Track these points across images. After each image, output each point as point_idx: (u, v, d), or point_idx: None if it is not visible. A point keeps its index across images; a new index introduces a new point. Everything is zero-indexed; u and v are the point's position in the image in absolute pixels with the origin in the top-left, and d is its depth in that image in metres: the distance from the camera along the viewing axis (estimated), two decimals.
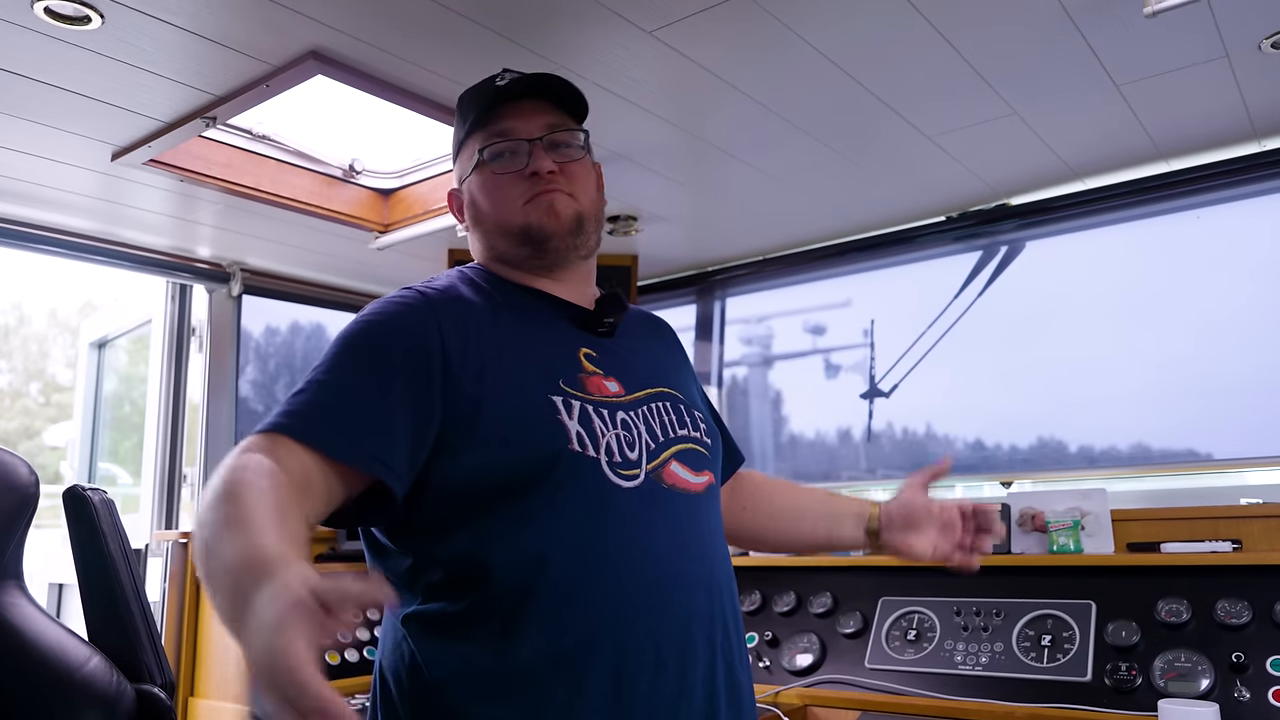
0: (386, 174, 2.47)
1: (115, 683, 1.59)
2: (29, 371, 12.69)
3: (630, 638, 1.03)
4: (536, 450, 1.05)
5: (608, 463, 1.08)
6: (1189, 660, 1.85)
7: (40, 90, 1.77)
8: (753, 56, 1.72)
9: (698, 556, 1.13)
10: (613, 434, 1.10)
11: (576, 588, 1.03)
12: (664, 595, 1.07)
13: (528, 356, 1.13)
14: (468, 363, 1.07)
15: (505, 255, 1.23)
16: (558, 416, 1.07)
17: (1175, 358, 2.37)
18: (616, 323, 1.23)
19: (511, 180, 1.20)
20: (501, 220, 1.20)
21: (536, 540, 1.03)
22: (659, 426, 1.16)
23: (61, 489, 1.81)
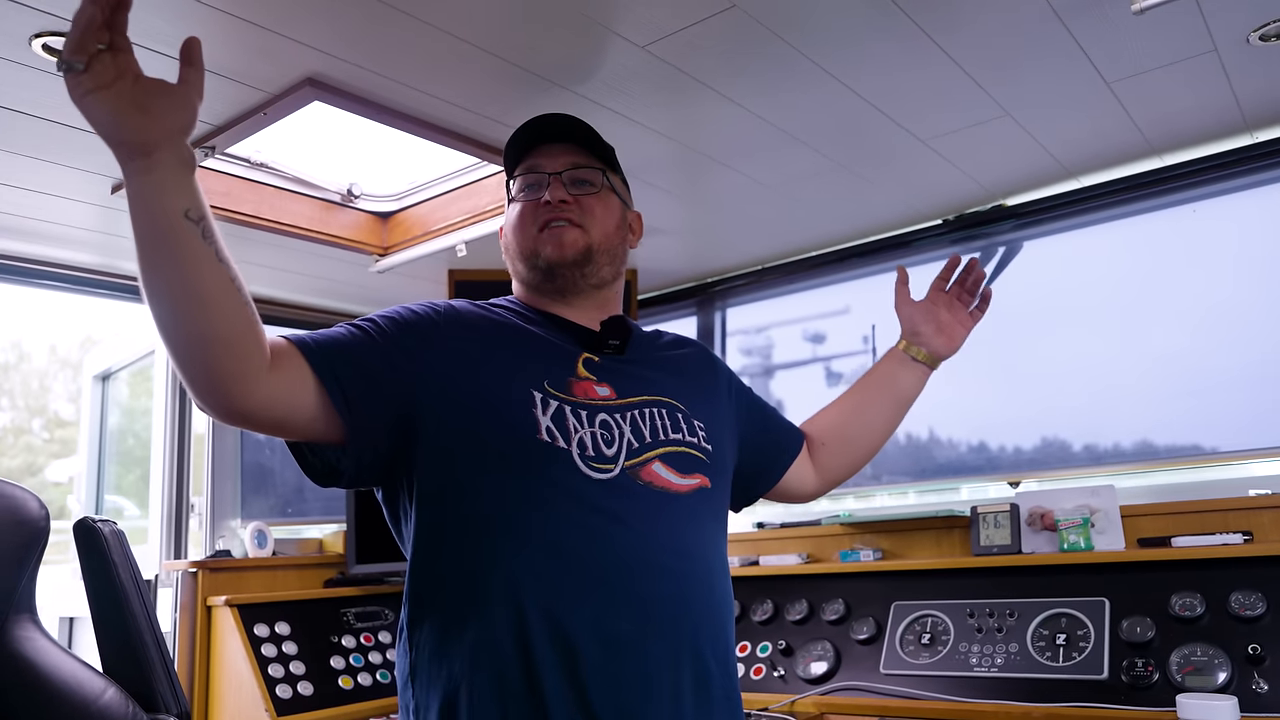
0: (385, 197, 2.48)
1: (131, 713, 1.59)
2: (30, 408, 12.69)
3: (583, 616, 1.11)
4: (506, 433, 1.15)
5: (579, 455, 1.17)
6: (1205, 654, 1.85)
7: (39, 126, 1.79)
8: (745, 68, 1.73)
9: (668, 548, 1.19)
10: (587, 431, 1.19)
11: (537, 566, 1.12)
12: (624, 580, 1.14)
13: (522, 357, 1.24)
14: (456, 354, 1.19)
15: (525, 280, 1.35)
16: (532, 409, 1.17)
17: (1175, 352, 2.38)
18: (623, 343, 1.33)
19: (530, 209, 1.32)
20: (520, 246, 1.33)
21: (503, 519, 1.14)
22: (648, 430, 1.24)
23: (68, 524, 1.82)
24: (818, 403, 1.70)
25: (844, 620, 2.34)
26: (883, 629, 2.26)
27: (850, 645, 2.28)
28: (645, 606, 1.14)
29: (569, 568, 1.12)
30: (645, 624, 1.13)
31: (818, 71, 1.75)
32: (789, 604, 2.44)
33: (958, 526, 2.45)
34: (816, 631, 2.36)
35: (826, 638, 2.32)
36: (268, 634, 2.41)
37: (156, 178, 0.95)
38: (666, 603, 1.16)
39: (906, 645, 2.20)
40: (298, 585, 2.69)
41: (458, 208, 2.37)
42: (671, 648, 1.15)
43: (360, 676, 2.47)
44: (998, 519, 2.31)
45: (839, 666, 2.26)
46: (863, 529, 2.59)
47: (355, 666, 2.49)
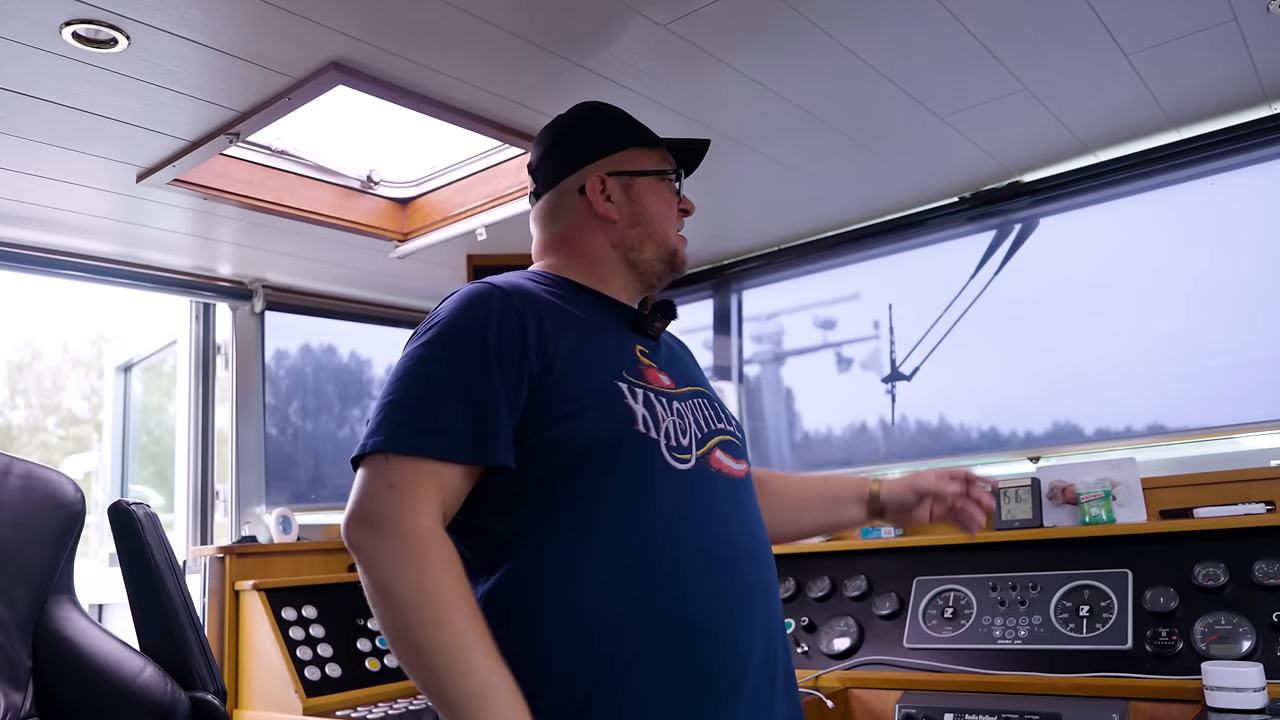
0: (403, 183, 2.50)
1: (170, 691, 1.62)
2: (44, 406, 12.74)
3: (690, 606, 1.10)
4: (605, 428, 1.13)
5: (665, 445, 1.16)
6: (1229, 622, 1.86)
7: (67, 115, 1.81)
8: (765, 45, 1.74)
9: (745, 532, 1.22)
10: (670, 420, 1.19)
11: (637, 559, 1.10)
12: (720, 567, 1.15)
13: (594, 346, 1.21)
14: (544, 347, 1.15)
15: (639, 258, 1.33)
16: (624, 400, 1.15)
17: (1192, 328, 2.37)
18: (663, 328, 1.34)
19: (674, 204, 1.38)
20: (665, 232, 1.35)
21: (600, 514, 1.11)
22: (702, 419, 1.26)
23: (92, 518, 1.84)
24: (828, 389, 1.72)
25: (866, 596, 2.35)
26: (905, 604, 2.28)
27: (873, 620, 2.30)
28: (742, 593, 1.16)
29: (675, 561, 1.11)
30: (749, 612, 1.15)
31: (836, 47, 1.76)
32: (811, 581, 2.46)
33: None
34: (839, 608, 2.38)
35: (849, 614, 2.34)
36: (295, 617, 2.44)
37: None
38: (757, 589, 1.18)
39: (929, 619, 2.22)
40: (323, 569, 2.72)
41: (477, 192, 2.38)
42: (766, 632, 1.17)
43: (387, 659, 2.49)
44: (1019, 493, 2.32)
45: (862, 642, 2.28)
46: None
47: (381, 649, 2.51)
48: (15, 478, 1.65)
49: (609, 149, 1.36)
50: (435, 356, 1.13)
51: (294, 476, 3.08)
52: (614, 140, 1.37)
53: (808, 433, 3.14)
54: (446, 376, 1.11)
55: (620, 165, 1.35)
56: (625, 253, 1.33)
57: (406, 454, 1.06)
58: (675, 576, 1.10)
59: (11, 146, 1.92)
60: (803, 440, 3.13)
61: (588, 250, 1.34)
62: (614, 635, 1.07)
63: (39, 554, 1.62)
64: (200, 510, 2.80)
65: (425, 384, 1.11)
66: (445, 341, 1.14)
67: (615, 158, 1.35)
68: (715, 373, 3.21)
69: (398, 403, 1.10)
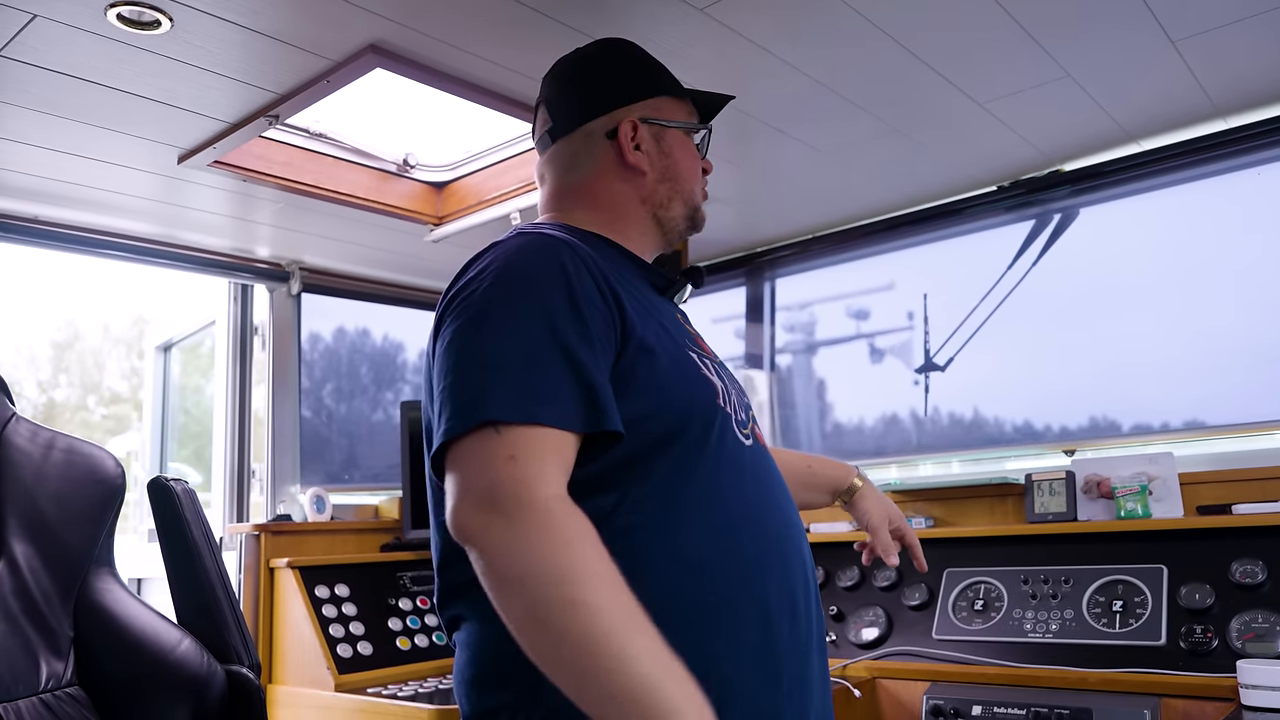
0: (440, 167, 2.51)
1: (206, 664, 1.64)
2: (85, 385, 12.96)
3: (772, 585, 1.07)
4: (695, 404, 1.07)
5: (735, 420, 1.13)
6: (1266, 620, 1.83)
7: (110, 96, 1.83)
8: (803, 29, 1.72)
9: (793, 509, 1.20)
10: (733, 394, 1.15)
11: (727, 542, 1.05)
12: (787, 545, 1.12)
13: (653, 311, 1.13)
14: (620, 304, 1.06)
15: (665, 215, 1.26)
16: (703, 372, 1.10)
17: (1234, 323, 2.32)
18: (684, 293, 1.31)
19: (699, 163, 1.30)
20: (691, 190, 1.27)
21: (692, 493, 1.04)
22: (736, 392, 1.21)
23: (131, 496, 1.88)
24: (860, 380, 1.72)
25: (895, 587, 2.34)
26: (935, 595, 2.27)
27: (902, 611, 2.29)
28: (803, 569, 1.14)
29: (756, 542, 1.08)
30: (808, 588, 1.14)
31: (875, 32, 1.74)
32: (840, 570, 2.45)
33: (1011, 494, 2.44)
34: (868, 598, 2.37)
35: (878, 604, 2.33)
36: (328, 595, 2.47)
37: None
38: (808, 564, 1.17)
39: (959, 611, 2.20)
40: (356, 549, 2.75)
41: (511, 176, 2.39)
42: (816, 609, 1.16)
43: (417, 638, 2.52)
44: (1053, 486, 2.30)
45: (891, 632, 2.27)
46: (914, 496, 2.59)
47: (412, 629, 2.54)
48: (58, 452, 1.68)
49: (642, 93, 1.25)
50: (521, 311, 0.99)
51: (328, 457, 3.12)
52: (648, 84, 1.26)
53: (839, 423, 3.12)
54: (541, 334, 0.97)
55: (653, 112, 1.24)
56: (654, 209, 1.24)
57: (522, 422, 0.92)
58: (758, 559, 1.07)
59: (56, 127, 1.95)
60: (834, 430, 3.12)
61: (614, 202, 1.23)
62: (709, 621, 1.02)
63: (80, 527, 1.66)
64: (236, 489, 2.85)
65: (519, 342, 0.97)
66: (527, 293, 1.00)
67: (648, 104, 1.25)
68: (747, 361, 3.20)
69: (489, 366, 0.95)
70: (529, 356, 0.96)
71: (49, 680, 1.52)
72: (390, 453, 3.16)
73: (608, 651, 0.84)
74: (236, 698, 1.67)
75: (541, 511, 0.89)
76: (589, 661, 0.84)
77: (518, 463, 0.91)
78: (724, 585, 1.03)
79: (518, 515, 0.89)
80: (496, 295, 1.01)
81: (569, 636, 0.85)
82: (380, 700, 2.10)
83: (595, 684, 0.84)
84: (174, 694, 1.61)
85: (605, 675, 0.83)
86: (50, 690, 1.52)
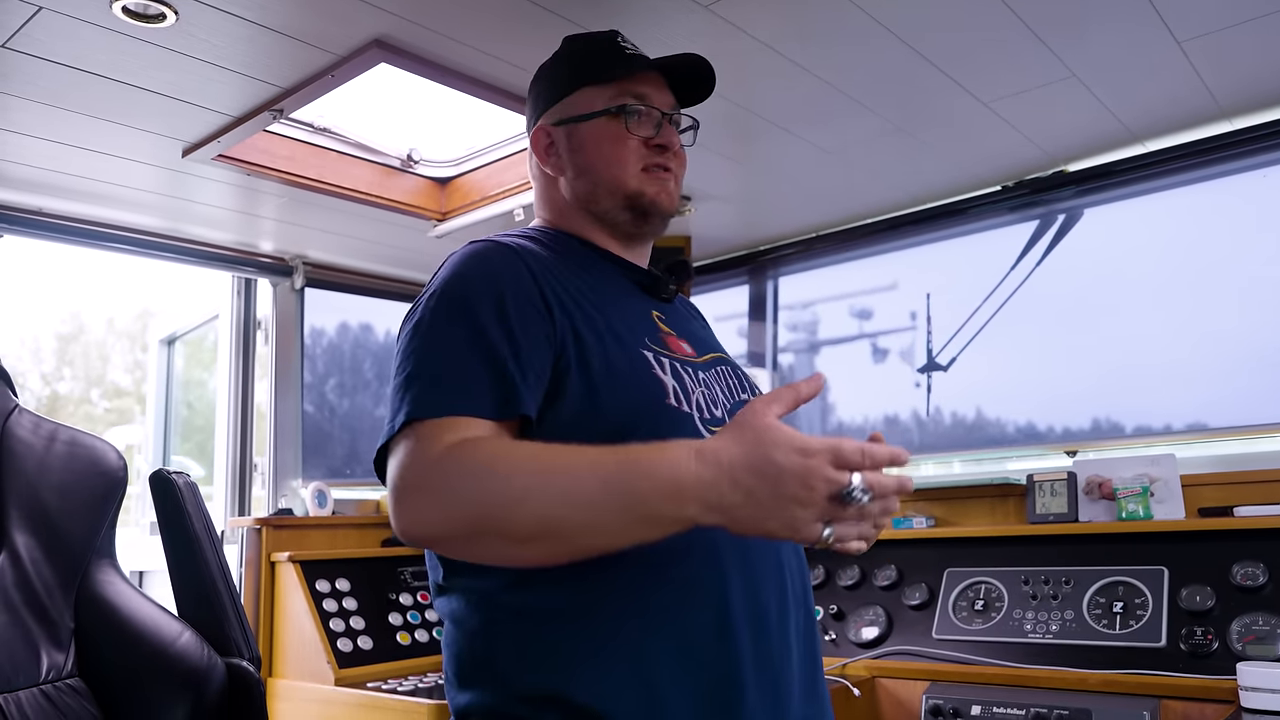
0: (443, 163, 2.51)
1: (206, 656, 1.65)
2: (89, 378, 12.99)
3: (732, 590, 1.03)
4: (637, 402, 1.05)
5: (699, 419, 1.09)
6: (1267, 623, 1.83)
7: (115, 89, 1.83)
8: (809, 28, 1.72)
9: None
10: (700, 391, 1.11)
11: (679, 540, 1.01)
12: (760, 548, 1.07)
13: (611, 310, 1.12)
14: (563, 310, 1.07)
15: (602, 211, 1.21)
16: (652, 371, 1.08)
17: (1238, 326, 2.32)
18: (678, 291, 1.27)
19: (638, 143, 1.20)
20: (617, 177, 1.19)
21: None
22: (725, 390, 1.18)
23: (133, 489, 1.88)
24: (862, 379, 1.68)
25: (896, 586, 2.34)
26: (935, 595, 2.27)
27: (902, 610, 2.29)
28: (780, 575, 1.09)
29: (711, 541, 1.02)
30: (782, 594, 1.09)
31: (880, 30, 1.73)
32: (841, 569, 2.45)
33: (1012, 495, 2.44)
34: (868, 597, 2.37)
35: (878, 603, 2.33)
36: (329, 589, 2.47)
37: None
38: (791, 569, 1.12)
39: (959, 611, 2.20)
40: (357, 544, 2.76)
41: (515, 172, 2.39)
42: (799, 616, 1.11)
43: (417, 633, 2.53)
44: (1054, 487, 2.29)
45: (891, 631, 2.27)
46: (916, 496, 2.59)
47: (412, 624, 2.55)
48: (61, 444, 1.69)
49: (559, 93, 1.24)
50: (450, 319, 1.03)
51: (330, 452, 3.12)
52: (563, 84, 1.25)
53: (841, 422, 3.12)
54: (465, 339, 1.01)
55: (565, 111, 1.23)
56: (585, 206, 1.22)
57: (436, 416, 0.97)
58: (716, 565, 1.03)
59: (61, 120, 1.95)
60: (836, 430, 3.12)
61: (558, 206, 1.25)
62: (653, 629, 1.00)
63: (82, 519, 1.66)
64: (238, 482, 2.85)
65: (445, 349, 1.02)
66: (457, 303, 1.04)
67: (564, 103, 1.24)
68: (749, 360, 3.20)
69: (414, 376, 1.01)
70: (451, 361, 1.01)
71: (49, 671, 1.52)
72: None
73: (577, 504, 0.88)
74: (236, 691, 1.68)
75: (440, 458, 0.93)
76: (574, 522, 0.89)
77: (422, 444, 0.95)
78: (672, 591, 1.01)
79: (425, 477, 0.93)
80: (431, 308, 1.06)
81: (548, 526, 0.89)
82: (380, 694, 2.11)
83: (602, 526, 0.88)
84: (174, 686, 1.61)
85: (592, 513, 0.88)
86: (51, 681, 1.52)
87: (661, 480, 0.85)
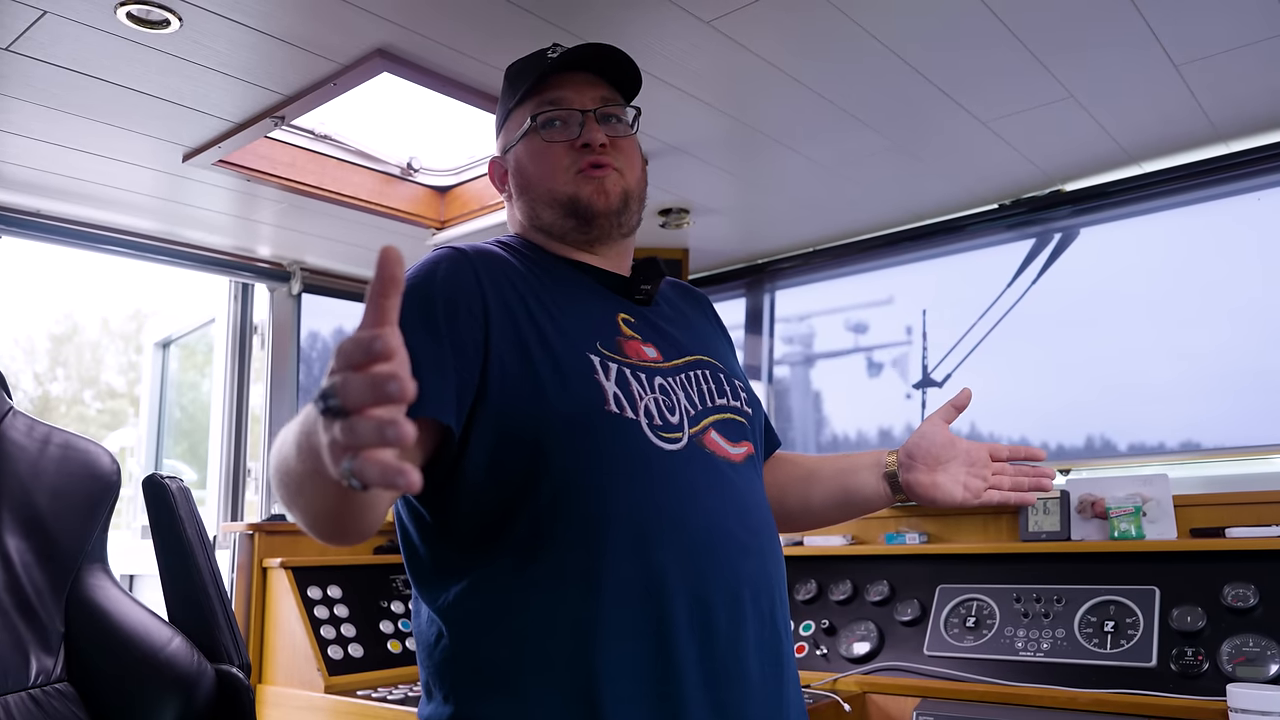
0: (443, 171, 2.51)
1: (196, 662, 1.64)
2: (83, 379, 12.96)
3: (676, 601, 1.02)
4: (572, 406, 1.04)
5: (648, 425, 1.07)
6: (1258, 645, 1.83)
7: (117, 93, 1.84)
8: (809, 45, 1.73)
9: (744, 522, 1.11)
10: (651, 397, 1.09)
11: (622, 548, 1.02)
12: (712, 558, 1.06)
13: (565, 316, 1.12)
14: (506, 314, 1.07)
15: (548, 225, 1.21)
16: (594, 375, 1.07)
17: (1230, 347, 2.34)
18: (654, 290, 1.25)
19: (562, 149, 1.19)
20: (550, 189, 1.19)
21: (581, 501, 1.03)
22: (697, 395, 1.16)
23: (127, 491, 1.87)
24: (857, 393, 1.68)
25: (888, 601, 2.34)
26: (927, 611, 2.27)
27: (894, 626, 2.29)
28: (735, 587, 1.06)
29: (654, 550, 1.02)
30: (736, 605, 1.06)
31: (880, 49, 1.75)
32: (833, 584, 2.45)
33: (1005, 512, 2.44)
34: (860, 612, 2.37)
35: (870, 618, 2.33)
36: (320, 596, 2.47)
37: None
38: (751, 581, 1.08)
39: (951, 628, 2.20)
40: (349, 551, 2.75)
41: None
42: (760, 629, 1.08)
43: (408, 642, 2.52)
44: (1047, 505, 2.30)
45: (882, 647, 2.27)
46: (909, 511, 2.59)
47: (404, 631, 2.54)
48: (54, 447, 1.69)
49: (500, 124, 1.28)
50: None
51: None
52: (501, 114, 1.28)
53: (835, 435, 3.12)
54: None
55: (506, 139, 1.26)
56: (534, 223, 1.23)
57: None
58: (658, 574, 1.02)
59: (62, 122, 1.96)
60: (830, 443, 3.12)
61: (522, 228, 1.26)
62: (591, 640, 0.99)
63: (74, 523, 1.66)
64: (232, 487, 2.85)
65: None
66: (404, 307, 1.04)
67: (504, 131, 1.27)
68: (745, 372, 3.20)
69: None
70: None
71: (38, 676, 1.52)
72: None
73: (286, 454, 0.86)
74: (225, 697, 1.67)
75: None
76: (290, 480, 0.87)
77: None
78: (610, 601, 1.00)
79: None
80: None
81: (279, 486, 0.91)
82: (369, 703, 2.10)
83: (299, 486, 0.87)
84: (163, 692, 1.61)
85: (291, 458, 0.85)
86: (39, 686, 1.52)
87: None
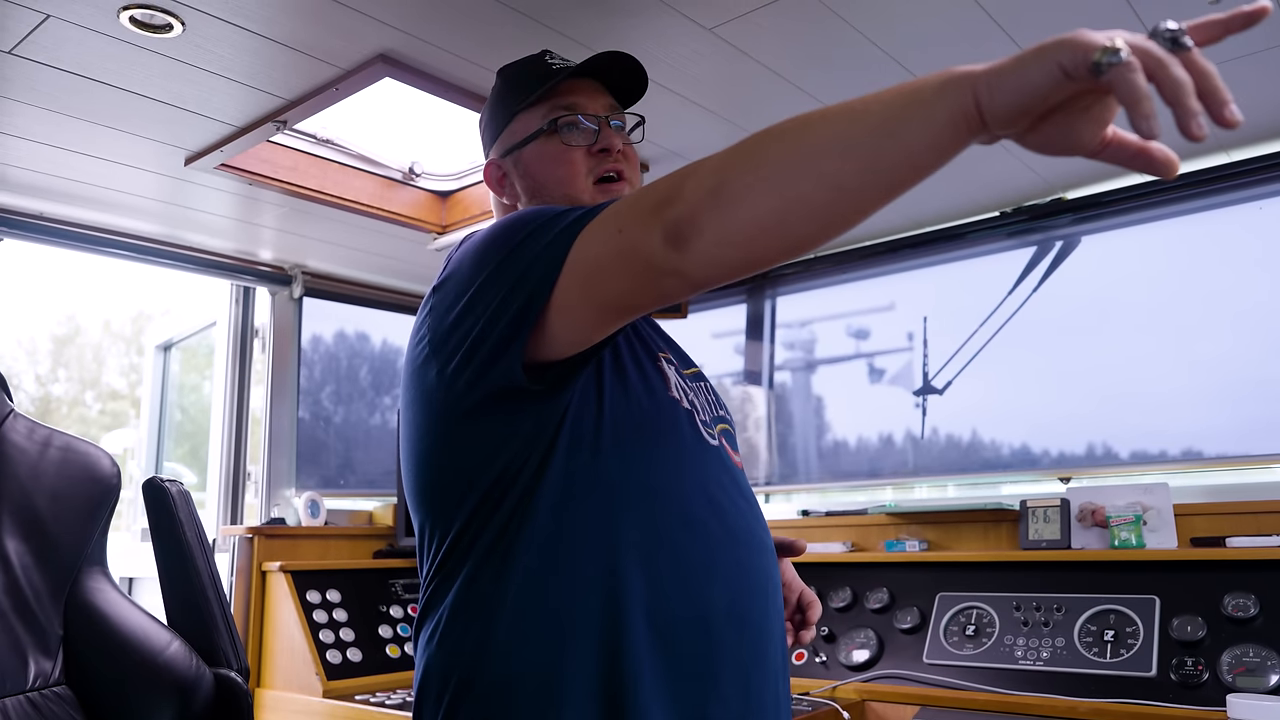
0: (445, 176, 2.52)
1: (195, 666, 1.64)
2: (84, 380, 12.98)
3: (719, 594, 1.03)
4: (647, 389, 1.06)
5: (698, 418, 1.10)
6: (1258, 655, 1.83)
7: (121, 97, 1.84)
8: (811, 52, 1.74)
9: (759, 523, 1.14)
10: (692, 395, 1.13)
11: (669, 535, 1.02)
12: (748, 551, 1.08)
13: None
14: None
15: None
16: (658, 364, 1.10)
17: (1232, 355, 2.33)
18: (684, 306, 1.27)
19: (581, 154, 1.19)
20: (567, 194, 1.18)
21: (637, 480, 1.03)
22: (706, 403, 1.19)
23: (127, 493, 1.87)
24: (858, 399, 1.67)
25: (888, 609, 2.34)
26: (927, 619, 2.26)
27: (893, 634, 2.29)
28: (762, 581, 1.09)
29: (698, 539, 1.03)
30: (763, 598, 1.09)
31: (882, 56, 1.75)
32: (832, 591, 2.45)
33: (1005, 520, 2.44)
34: (860, 619, 2.37)
35: (869, 626, 2.33)
36: (319, 600, 2.47)
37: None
38: (772, 578, 1.12)
39: (950, 636, 2.20)
40: (348, 555, 2.75)
41: None
42: (777, 624, 1.11)
43: (407, 646, 2.51)
44: (1047, 513, 2.30)
45: (881, 654, 2.26)
46: (908, 519, 2.59)
47: (403, 636, 2.54)
48: (55, 450, 1.69)
49: (500, 127, 1.26)
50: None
51: (324, 461, 3.12)
52: (502, 116, 1.26)
53: (836, 441, 3.12)
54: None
55: (508, 141, 1.24)
56: None
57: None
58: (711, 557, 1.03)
59: (64, 126, 1.96)
60: (831, 449, 3.12)
61: None
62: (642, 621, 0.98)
63: (74, 526, 1.66)
64: (232, 490, 2.85)
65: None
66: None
67: (505, 134, 1.25)
68: (746, 378, 3.20)
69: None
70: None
71: (37, 679, 1.52)
72: (386, 459, 3.17)
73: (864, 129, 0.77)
74: (224, 701, 1.67)
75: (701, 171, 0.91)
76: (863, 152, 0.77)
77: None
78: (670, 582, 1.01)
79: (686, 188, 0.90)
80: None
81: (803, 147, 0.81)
82: (368, 708, 2.10)
83: (885, 154, 0.76)
84: (161, 696, 1.61)
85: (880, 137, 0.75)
86: (38, 689, 1.52)
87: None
